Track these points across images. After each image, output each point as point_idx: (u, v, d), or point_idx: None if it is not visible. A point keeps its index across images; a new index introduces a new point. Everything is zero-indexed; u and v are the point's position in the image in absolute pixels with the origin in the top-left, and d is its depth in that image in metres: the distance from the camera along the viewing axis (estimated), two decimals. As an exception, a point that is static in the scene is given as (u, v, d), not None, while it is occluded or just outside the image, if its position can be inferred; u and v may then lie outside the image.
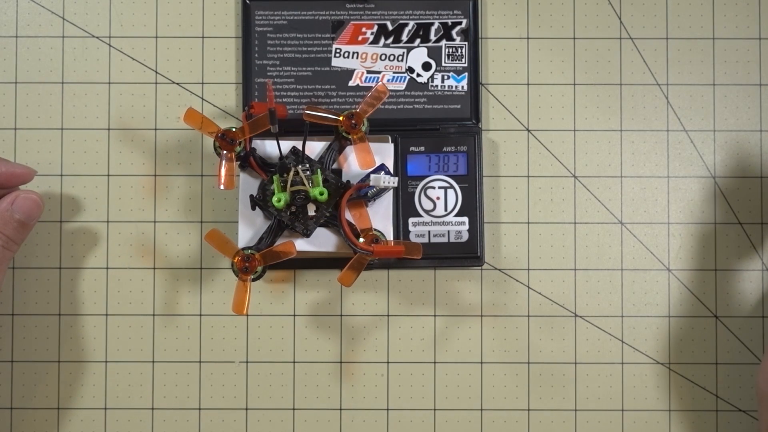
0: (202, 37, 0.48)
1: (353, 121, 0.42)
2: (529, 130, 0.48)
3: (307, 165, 0.41)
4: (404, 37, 0.47)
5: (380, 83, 0.46)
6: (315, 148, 0.42)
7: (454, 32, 0.47)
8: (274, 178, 0.41)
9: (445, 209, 0.46)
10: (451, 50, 0.47)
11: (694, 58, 0.48)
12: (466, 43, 0.47)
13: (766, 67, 0.48)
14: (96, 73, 0.47)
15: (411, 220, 0.46)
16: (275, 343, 0.47)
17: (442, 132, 0.46)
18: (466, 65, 0.47)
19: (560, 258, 0.47)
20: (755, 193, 0.47)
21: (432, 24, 0.47)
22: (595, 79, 0.48)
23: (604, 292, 0.47)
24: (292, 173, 0.41)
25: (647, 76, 0.48)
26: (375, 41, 0.47)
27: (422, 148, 0.46)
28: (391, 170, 0.42)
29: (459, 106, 0.47)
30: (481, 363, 0.47)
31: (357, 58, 0.47)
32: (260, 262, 0.41)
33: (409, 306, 0.47)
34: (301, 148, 0.42)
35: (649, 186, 0.47)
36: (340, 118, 0.42)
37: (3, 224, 0.42)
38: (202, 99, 0.47)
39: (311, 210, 0.41)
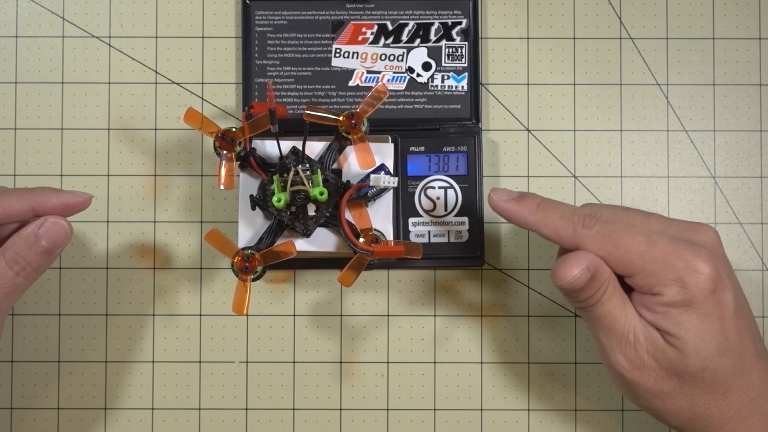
0: (202, 37, 0.48)
1: (353, 121, 0.41)
2: (529, 130, 0.48)
3: (307, 165, 0.41)
4: (404, 37, 0.47)
5: (380, 83, 0.46)
6: (315, 148, 0.42)
7: (454, 32, 0.47)
8: (274, 178, 0.41)
9: (445, 209, 0.46)
10: (451, 50, 0.47)
11: (694, 58, 0.48)
12: (466, 43, 0.47)
13: (766, 67, 0.48)
14: (96, 73, 0.47)
15: (411, 220, 0.46)
16: (275, 343, 0.47)
17: (442, 132, 0.46)
18: (466, 65, 0.47)
19: (560, 258, 0.47)
20: (755, 193, 0.47)
21: (432, 24, 0.47)
22: (595, 79, 0.48)
23: (604, 292, 0.47)
24: (292, 173, 0.41)
25: (647, 76, 0.48)
26: (375, 41, 0.47)
27: (422, 148, 0.46)
28: (391, 170, 0.42)
29: (459, 106, 0.46)
30: (481, 363, 0.47)
31: (357, 58, 0.47)
32: (260, 262, 0.40)
33: (409, 306, 0.47)
34: (301, 148, 0.42)
35: (649, 186, 0.47)
36: (340, 118, 0.41)
37: (26, 248, 0.38)
38: (202, 99, 0.47)
39: (311, 210, 0.41)
